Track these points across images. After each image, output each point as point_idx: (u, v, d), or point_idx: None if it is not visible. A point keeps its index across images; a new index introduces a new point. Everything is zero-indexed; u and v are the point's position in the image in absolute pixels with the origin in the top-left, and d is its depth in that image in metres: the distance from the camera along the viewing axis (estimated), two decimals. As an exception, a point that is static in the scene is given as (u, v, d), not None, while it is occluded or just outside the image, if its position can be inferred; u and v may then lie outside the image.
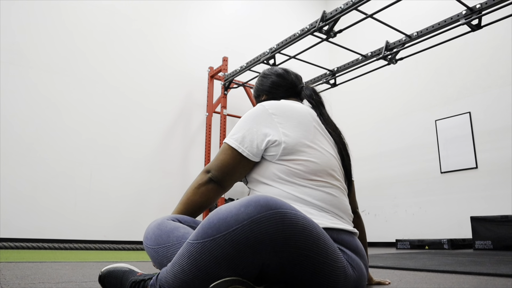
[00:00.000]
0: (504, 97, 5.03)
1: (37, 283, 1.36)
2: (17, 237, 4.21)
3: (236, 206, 0.79)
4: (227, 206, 0.81)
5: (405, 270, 2.12)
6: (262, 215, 0.77)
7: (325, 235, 0.90)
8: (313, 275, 0.87)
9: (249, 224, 0.76)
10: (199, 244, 0.81)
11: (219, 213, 0.80)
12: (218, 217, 0.79)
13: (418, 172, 5.83)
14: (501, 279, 1.69)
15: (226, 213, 0.79)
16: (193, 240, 0.83)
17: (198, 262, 0.81)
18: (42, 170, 4.57)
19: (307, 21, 5.83)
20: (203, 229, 0.81)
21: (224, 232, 0.77)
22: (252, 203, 0.78)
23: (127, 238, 4.86)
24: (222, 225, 0.78)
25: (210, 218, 0.81)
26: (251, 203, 0.78)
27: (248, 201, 0.79)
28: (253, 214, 0.77)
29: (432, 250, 4.62)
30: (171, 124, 5.73)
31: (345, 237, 1.03)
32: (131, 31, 5.60)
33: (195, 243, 0.82)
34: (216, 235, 0.78)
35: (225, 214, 0.79)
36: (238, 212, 0.78)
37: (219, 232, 0.78)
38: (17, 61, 4.64)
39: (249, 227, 0.76)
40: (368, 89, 6.73)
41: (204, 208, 1.15)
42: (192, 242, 0.83)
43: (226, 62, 5.61)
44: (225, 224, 0.78)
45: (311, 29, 3.88)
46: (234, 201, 0.83)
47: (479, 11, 3.44)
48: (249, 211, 0.77)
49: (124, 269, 1.00)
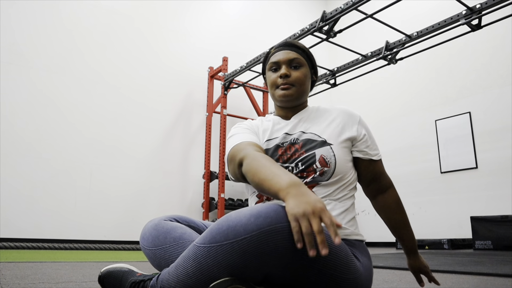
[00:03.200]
0: (504, 97, 5.03)
1: (37, 283, 1.36)
2: (17, 237, 4.21)
3: (246, 215, 0.77)
4: (238, 214, 0.79)
5: (405, 270, 2.12)
6: (272, 227, 0.75)
7: (337, 245, 0.87)
8: (319, 284, 0.87)
9: (258, 235, 0.75)
10: (205, 248, 0.80)
11: (229, 220, 0.79)
12: (228, 224, 0.78)
13: (418, 172, 5.83)
14: (501, 279, 1.69)
15: (236, 221, 0.78)
16: (200, 243, 0.82)
17: (203, 266, 0.80)
18: (42, 170, 4.57)
19: (307, 21, 5.82)
20: (211, 233, 0.80)
21: (232, 240, 0.76)
22: (262, 214, 0.76)
23: (127, 238, 4.86)
24: (230, 233, 0.77)
25: (220, 224, 0.80)
26: (262, 214, 0.76)
27: (258, 211, 0.77)
28: (263, 225, 0.75)
29: (432, 250, 4.62)
30: (171, 124, 5.73)
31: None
32: (131, 31, 5.60)
33: (201, 247, 0.81)
34: (224, 241, 0.77)
35: (234, 222, 0.78)
36: (248, 222, 0.76)
37: (227, 239, 0.77)
38: (17, 61, 4.64)
39: (257, 238, 0.75)
40: (368, 89, 6.73)
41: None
42: (199, 245, 0.82)
43: (226, 62, 5.61)
44: (234, 232, 0.76)
45: (311, 29, 3.88)
46: (245, 208, 0.81)
47: (479, 11, 3.44)
48: (258, 222, 0.75)
49: (123, 270, 0.99)
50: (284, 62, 1.12)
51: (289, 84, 1.11)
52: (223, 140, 5.42)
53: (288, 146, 1.08)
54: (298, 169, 1.03)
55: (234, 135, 1.12)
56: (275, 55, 1.15)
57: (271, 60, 1.15)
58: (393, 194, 1.18)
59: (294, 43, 1.17)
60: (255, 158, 0.93)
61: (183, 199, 5.62)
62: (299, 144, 1.08)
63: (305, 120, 1.14)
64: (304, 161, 1.03)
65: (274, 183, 0.83)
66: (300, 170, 1.03)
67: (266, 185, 0.85)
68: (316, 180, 1.02)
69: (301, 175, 1.03)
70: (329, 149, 1.04)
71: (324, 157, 1.03)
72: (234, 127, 1.18)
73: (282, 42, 1.19)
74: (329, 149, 1.04)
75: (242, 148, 1.02)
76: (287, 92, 1.11)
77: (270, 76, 1.15)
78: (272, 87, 1.14)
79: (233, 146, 1.06)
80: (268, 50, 1.26)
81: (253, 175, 0.91)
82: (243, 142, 1.05)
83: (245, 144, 1.04)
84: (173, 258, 1.00)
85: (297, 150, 1.06)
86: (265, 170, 0.88)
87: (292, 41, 1.18)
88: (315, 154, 1.03)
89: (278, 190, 0.80)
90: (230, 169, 1.07)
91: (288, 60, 1.12)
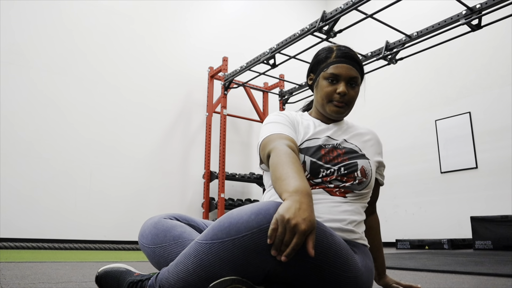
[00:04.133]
0: (504, 97, 5.03)
1: (37, 283, 1.36)
2: (17, 237, 4.21)
3: (247, 213, 0.79)
4: (239, 212, 0.81)
5: (405, 270, 2.12)
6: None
7: (338, 243, 0.90)
8: (319, 282, 0.87)
9: (259, 232, 0.76)
10: (207, 245, 0.81)
11: (231, 217, 0.80)
12: (230, 221, 0.79)
13: (418, 172, 5.83)
14: (501, 279, 1.69)
15: (237, 218, 0.79)
16: (202, 240, 0.82)
17: (204, 262, 0.80)
18: (42, 170, 4.57)
19: (307, 21, 5.83)
20: (213, 230, 0.81)
21: (233, 236, 0.78)
22: (262, 211, 0.78)
23: (127, 238, 4.86)
24: (232, 230, 0.78)
25: (221, 221, 0.81)
26: (262, 212, 0.78)
27: (259, 209, 0.79)
28: (263, 223, 0.76)
29: (432, 250, 4.62)
30: (171, 124, 5.74)
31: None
32: (131, 31, 5.60)
33: (203, 243, 0.82)
34: (226, 238, 0.78)
35: (236, 219, 0.79)
36: (249, 219, 0.77)
37: (229, 235, 0.78)
38: (17, 61, 4.64)
39: (258, 235, 0.76)
40: (368, 89, 6.70)
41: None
42: (200, 242, 0.83)
43: (226, 62, 5.61)
44: (235, 229, 0.78)
45: (311, 29, 3.88)
46: (247, 206, 0.82)
47: (479, 11, 3.44)
48: (259, 219, 0.77)
49: (121, 269, 0.99)
50: (345, 79, 1.12)
51: (344, 102, 1.13)
52: (223, 140, 5.42)
53: (331, 149, 1.10)
54: (340, 173, 1.06)
55: (271, 123, 1.12)
56: (336, 67, 1.12)
57: (331, 71, 1.12)
58: (378, 218, 1.30)
59: (357, 58, 1.16)
60: (279, 155, 0.94)
61: (183, 199, 5.62)
62: (341, 150, 1.11)
63: (344, 130, 1.19)
64: (347, 167, 1.07)
65: (283, 184, 0.84)
66: (342, 175, 1.06)
67: (277, 184, 0.86)
68: (353, 188, 1.07)
69: (341, 179, 1.06)
70: (368, 163, 1.11)
71: (364, 168, 1.09)
72: (273, 114, 1.18)
73: (345, 52, 1.15)
74: (368, 163, 1.11)
75: (273, 140, 1.02)
76: (340, 110, 1.13)
77: (325, 86, 1.13)
78: (325, 99, 1.14)
79: (267, 136, 1.07)
80: (325, 49, 1.17)
81: (272, 171, 0.92)
82: (276, 134, 1.06)
83: (277, 136, 1.04)
84: (172, 256, 1.00)
85: (340, 155, 1.09)
86: (282, 169, 0.88)
87: (354, 55, 1.16)
88: (357, 164, 1.08)
89: (284, 191, 0.81)
90: (261, 157, 1.09)
91: (349, 78, 1.13)
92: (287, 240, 0.73)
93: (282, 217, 0.73)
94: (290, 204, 0.75)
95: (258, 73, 5.18)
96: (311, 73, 1.23)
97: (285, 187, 0.82)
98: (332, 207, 1.02)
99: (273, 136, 1.05)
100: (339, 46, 1.18)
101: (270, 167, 0.95)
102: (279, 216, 0.74)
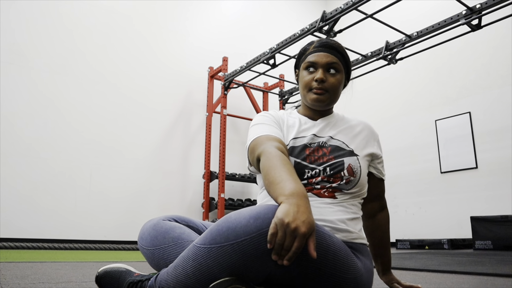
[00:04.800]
0: (504, 97, 5.03)
1: (37, 283, 1.36)
2: (17, 237, 4.21)
3: (246, 217, 0.78)
4: (237, 215, 0.79)
5: (405, 270, 2.12)
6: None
7: (337, 244, 0.89)
8: (320, 283, 0.87)
9: (258, 236, 0.75)
10: (205, 249, 0.80)
11: (229, 221, 0.79)
12: (228, 226, 0.78)
13: (418, 172, 5.83)
14: (501, 279, 1.69)
15: (235, 222, 0.78)
16: (200, 244, 0.82)
17: (203, 266, 0.80)
18: (42, 170, 4.57)
19: (307, 21, 5.82)
20: (211, 234, 0.80)
21: (232, 241, 0.76)
22: (261, 215, 0.77)
23: (127, 238, 4.86)
24: (231, 234, 0.77)
25: (220, 225, 0.80)
26: (260, 216, 0.77)
27: (257, 213, 0.78)
28: (262, 227, 0.75)
29: (432, 250, 4.62)
30: (171, 124, 5.74)
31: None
32: (131, 31, 5.60)
33: (201, 247, 0.81)
34: (224, 243, 0.77)
35: (234, 223, 0.78)
36: (247, 223, 0.76)
37: (228, 240, 0.77)
38: (17, 61, 4.64)
39: (257, 240, 0.75)
40: (368, 89, 6.73)
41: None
42: (199, 246, 0.82)
43: (226, 62, 5.61)
44: (234, 234, 0.77)
45: (311, 29, 3.88)
46: (245, 209, 0.81)
47: (479, 11, 3.44)
48: (258, 223, 0.76)
49: (121, 270, 0.99)
50: (322, 66, 1.09)
51: (323, 89, 1.09)
52: (223, 140, 5.42)
53: (316, 148, 1.07)
54: (326, 173, 1.03)
55: (257, 124, 1.10)
56: (313, 55, 1.10)
57: (309, 60, 1.10)
58: (388, 214, 1.26)
59: (335, 45, 1.12)
60: (269, 158, 0.92)
61: (183, 199, 5.62)
62: (327, 148, 1.07)
63: (332, 125, 1.14)
64: (333, 167, 1.03)
65: (278, 188, 0.82)
66: (328, 175, 1.03)
67: (272, 188, 0.84)
68: (341, 188, 1.04)
69: (328, 180, 1.03)
70: (356, 160, 1.06)
71: (352, 166, 1.04)
72: (259, 114, 1.16)
73: (323, 41, 1.12)
74: (356, 160, 1.06)
75: (262, 143, 1.00)
76: (320, 97, 1.09)
77: (304, 76, 1.11)
78: (305, 88, 1.11)
79: (254, 138, 1.05)
80: (306, 45, 1.15)
81: (264, 175, 0.90)
82: (264, 136, 1.03)
83: (265, 138, 1.02)
84: (171, 258, 1.00)
85: (325, 154, 1.06)
86: (274, 172, 0.86)
87: (333, 43, 1.12)
88: (343, 162, 1.04)
89: (279, 195, 0.80)
90: (250, 160, 1.06)
91: (326, 64, 1.09)
92: (288, 244, 0.71)
93: (282, 221, 0.72)
94: (288, 207, 0.74)
95: (258, 73, 5.18)
96: (296, 69, 1.21)
97: (280, 191, 0.80)
98: (322, 209, 1.00)
99: (261, 138, 1.03)
100: (321, 39, 1.16)
101: (261, 171, 0.93)
102: (278, 220, 0.72)
